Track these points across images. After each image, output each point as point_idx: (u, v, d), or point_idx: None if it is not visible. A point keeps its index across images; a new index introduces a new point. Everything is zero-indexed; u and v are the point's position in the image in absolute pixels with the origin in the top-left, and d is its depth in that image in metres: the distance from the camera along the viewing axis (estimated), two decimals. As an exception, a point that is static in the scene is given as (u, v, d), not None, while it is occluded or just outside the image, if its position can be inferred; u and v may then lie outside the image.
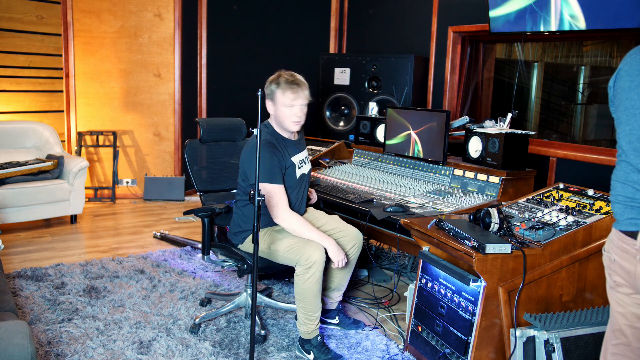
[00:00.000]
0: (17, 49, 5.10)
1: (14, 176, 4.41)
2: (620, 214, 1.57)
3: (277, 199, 2.55)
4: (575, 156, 3.73)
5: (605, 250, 1.66)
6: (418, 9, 5.14)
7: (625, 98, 1.53)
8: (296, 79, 2.58)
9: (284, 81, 2.55)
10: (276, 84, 2.56)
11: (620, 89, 1.55)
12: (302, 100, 2.57)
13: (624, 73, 1.54)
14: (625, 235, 1.55)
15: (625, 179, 1.55)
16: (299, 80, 2.58)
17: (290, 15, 6.15)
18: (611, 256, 1.61)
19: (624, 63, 1.57)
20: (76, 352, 2.51)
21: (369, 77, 5.02)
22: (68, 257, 3.90)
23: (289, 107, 2.55)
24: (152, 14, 5.59)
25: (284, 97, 2.54)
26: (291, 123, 2.59)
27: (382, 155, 3.70)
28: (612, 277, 1.62)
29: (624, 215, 1.55)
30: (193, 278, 3.52)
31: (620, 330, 1.61)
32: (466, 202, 2.90)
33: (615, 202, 1.59)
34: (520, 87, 5.32)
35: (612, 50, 5.20)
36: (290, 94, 2.54)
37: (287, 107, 2.55)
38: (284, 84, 2.54)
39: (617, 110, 1.58)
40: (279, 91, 2.55)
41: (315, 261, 2.46)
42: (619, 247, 1.57)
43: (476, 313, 2.19)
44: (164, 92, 5.74)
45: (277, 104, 2.57)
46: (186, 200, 5.77)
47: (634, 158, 1.51)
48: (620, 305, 1.60)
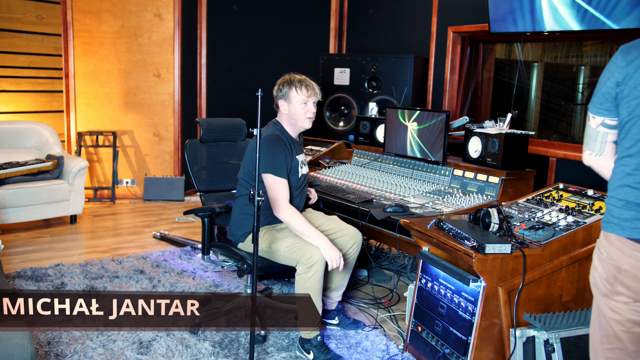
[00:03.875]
0: (17, 49, 5.10)
1: (14, 176, 4.41)
2: (632, 220, 1.50)
3: (280, 192, 2.59)
4: (575, 156, 3.73)
5: (608, 258, 1.57)
6: (418, 9, 5.14)
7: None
8: (307, 78, 2.75)
9: (297, 80, 2.70)
10: (289, 84, 2.69)
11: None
12: (315, 98, 2.72)
13: None
14: (638, 243, 1.49)
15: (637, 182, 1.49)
16: (310, 80, 2.75)
17: (290, 15, 6.15)
18: (620, 266, 1.52)
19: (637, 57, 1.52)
20: (76, 352, 2.51)
21: (368, 77, 5.02)
22: (68, 257, 3.90)
23: (304, 103, 2.67)
24: (152, 14, 5.59)
25: (298, 95, 2.67)
26: (305, 120, 2.71)
27: (382, 156, 3.70)
28: (615, 287, 1.55)
29: (637, 222, 1.49)
30: (193, 278, 3.52)
31: (615, 336, 1.57)
32: (466, 202, 2.90)
33: (624, 208, 1.52)
34: (520, 87, 5.31)
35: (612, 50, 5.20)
36: (305, 91, 2.68)
37: (302, 103, 2.67)
38: (297, 82, 2.69)
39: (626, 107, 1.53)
40: (292, 90, 2.68)
41: (317, 260, 2.47)
42: (631, 256, 1.50)
43: (476, 313, 2.19)
44: (163, 92, 5.74)
45: (292, 101, 2.68)
46: (186, 200, 5.77)
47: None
48: (615, 313, 1.56)
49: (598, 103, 1.63)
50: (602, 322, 1.62)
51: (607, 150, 1.65)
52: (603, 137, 1.65)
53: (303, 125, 2.73)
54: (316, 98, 2.72)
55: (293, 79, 2.70)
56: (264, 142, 2.57)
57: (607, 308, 1.59)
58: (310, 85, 2.70)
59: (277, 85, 2.73)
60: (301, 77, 2.73)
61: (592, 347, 1.68)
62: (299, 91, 2.66)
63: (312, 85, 2.71)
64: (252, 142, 2.70)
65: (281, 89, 2.71)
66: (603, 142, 1.66)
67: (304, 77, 2.74)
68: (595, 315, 1.66)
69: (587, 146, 1.70)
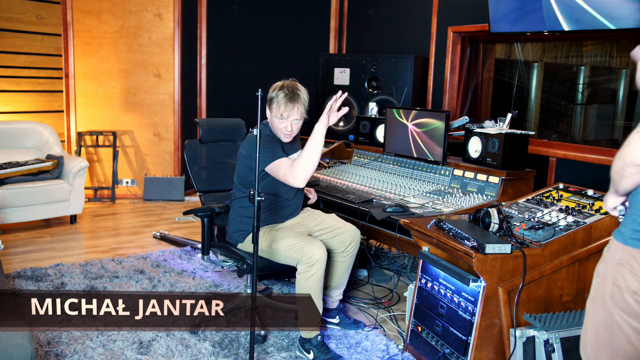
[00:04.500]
0: (17, 49, 5.10)
1: (14, 176, 4.41)
2: None
3: (285, 168, 2.49)
4: (575, 156, 3.73)
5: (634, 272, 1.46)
6: (418, 9, 5.14)
7: None
8: (294, 94, 2.57)
9: (282, 94, 2.56)
10: (275, 95, 2.59)
11: None
12: (295, 116, 2.59)
13: None
14: None
15: None
16: (297, 96, 2.57)
17: (290, 15, 6.15)
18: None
19: None
20: (76, 352, 2.51)
21: (368, 77, 5.02)
22: (68, 257, 3.90)
23: (281, 120, 2.60)
24: (151, 14, 5.59)
25: (277, 110, 2.58)
26: (282, 134, 2.64)
27: (382, 155, 3.70)
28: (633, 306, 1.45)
29: None
30: (193, 278, 3.52)
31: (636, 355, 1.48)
32: (466, 202, 2.90)
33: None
34: (520, 87, 5.32)
35: (611, 50, 5.20)
36: (283, 108, 2.56)
37: (279, 119, 2.60)
38: (282, 97, 2.56)
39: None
40: (275, 103, 2.59)
41: (318, 259, 2.48)
42: None
43: (476, 313, 2.19)
44: (163, 92, 5.74)
45: (272, 113, 2.63)
46: (186, 200, 5.77)
47: None
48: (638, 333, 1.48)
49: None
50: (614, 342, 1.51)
51: None
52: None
53: (280, 138, 2.65)
54: (297, 117, 2.58)
55: (279, 91, 2.57)
56: (252, 141, 2.55)
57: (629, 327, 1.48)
58: (291, 104, 2.54)
59: (270, 87, 2.64)
60: (289, 89, 2.56)
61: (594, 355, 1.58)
62: (279, 107, 2.55)
63: (295, 104, 2.55)
64: (241, 149, 2.70)
65: (270, 93, 2.62)
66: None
67: (293, 91, 2.56)
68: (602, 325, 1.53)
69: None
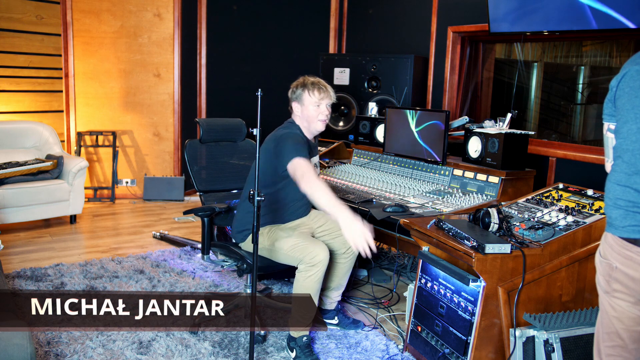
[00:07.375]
0: (16, 49, 5.10)
1: (14, 176, 4.41)
2: (621, 220, 1.51)
3: (307, 169, 2.46)
4: (575, 156, 3.73)
5: (603, 256, 1.60)
6: (418, 9, 5.14)
7: (634, 96, 1.50)
8: (321, 81, 2.78)
9: (310, 83, 2.73)
10: (302, 87, 2.73)
11: (629, 87, 1.52)
12: (329, 100, 2.74)
13: (635, 73, 1.51)
14: (627, 242, 1.50)
15: (627, 181, 1.50)
16: (324, 82, 2.78)
17: (290, 15, 6.15)
18: (612, 263, 1.56)
19: (633, 63, 1.54)
20: (76, 352, 2.51)
21: (368, 77, 5.02)
22: (67, 257, 3.90)
23: (317, 105, 2.70)
24: (151, 14, 5.59)
25: (311, 97, 2.70)
26: (318, 122, 2.74)
27: (381, 155, 3.70)
28: (611, 285, 1.57)
29: (625, 222, 1.50)
30: (193, 278, 3.52)
31: (616, 333, 1.59)
32: (466, 202, 2.90)
33: (614, 206, 1.53)
34: (519, 87, 5.31)
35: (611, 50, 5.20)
36: (317, 93, 2.71)
37: (315, 105, 2.70)
38: (310, 85, 2.72)
39: (621, 109, 1.54)
40: (306, 92, 2.71)
41: (320, 261, 2.48)
42: (620, 254, 1.53)
43: (476, 313, 2.19)
44: (163, 92, 5.74)
45: (305, 104, 2.72)
46: (186, 200, 5.77)
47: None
48: (615, 310, 1.58)
49: (604, 109, 1.66)
50: (604, 320, 1.64)
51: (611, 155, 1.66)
52: (610, 143, 1.66)
53: (316, 128, 2.75)
54: (330, 100, 2.75)
55: (307, 81, 2.74)
56: (283, 137, 2.61)
57: (608, 305, 1.61)
58: (323, 87, 2.73)
59: (291, 87, 2.78)
60: (315, 79, 2.76)
61: (595, 344, 1.70)
62: (311, 94, 2.70)
63: (325, 88, 2.74)
64: (267, 144, 2.69)
65: (295, 91, 2.76)
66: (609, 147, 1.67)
67: (317, 79, 2.77)
68: (600, 313, 1.68)
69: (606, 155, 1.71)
